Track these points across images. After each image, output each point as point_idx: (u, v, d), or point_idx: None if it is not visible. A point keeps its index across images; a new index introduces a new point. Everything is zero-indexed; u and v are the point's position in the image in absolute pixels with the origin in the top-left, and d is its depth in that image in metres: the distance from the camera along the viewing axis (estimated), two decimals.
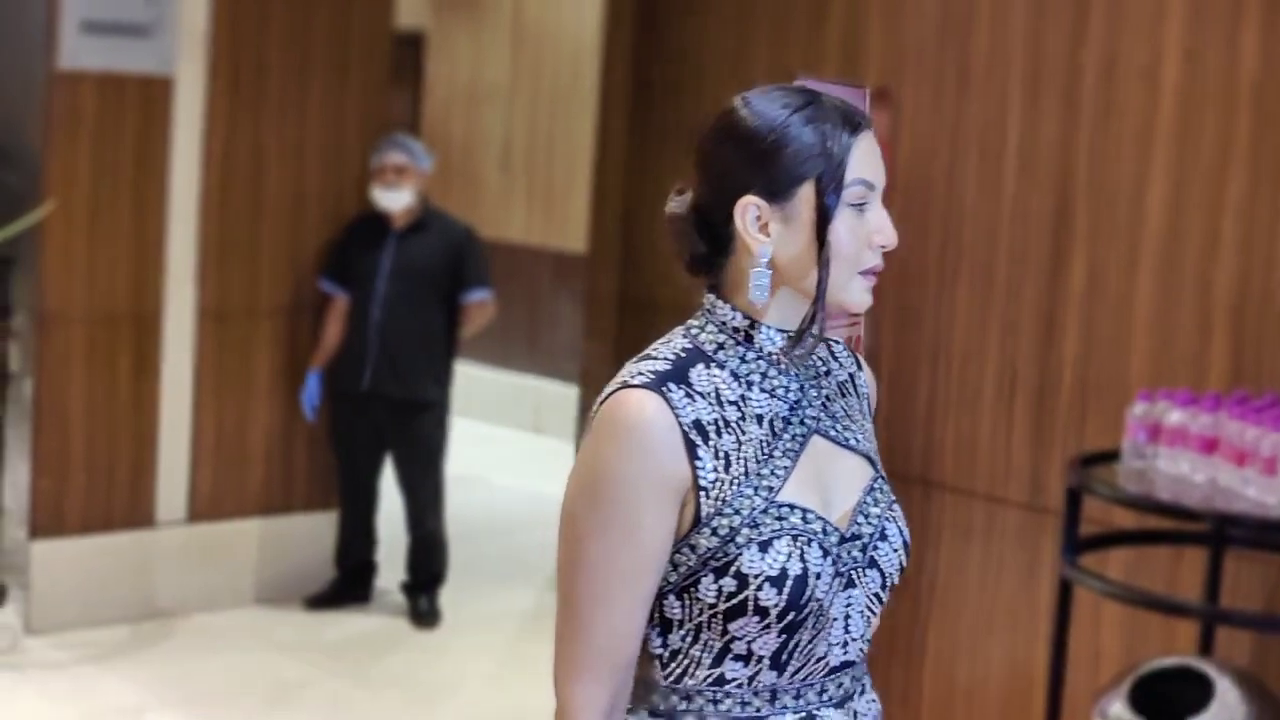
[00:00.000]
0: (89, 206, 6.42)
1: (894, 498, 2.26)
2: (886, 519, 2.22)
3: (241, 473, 6.90)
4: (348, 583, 7.00)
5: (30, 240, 6.43)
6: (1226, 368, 4.90)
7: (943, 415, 5.38)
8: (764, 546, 2.09)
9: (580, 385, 8.26)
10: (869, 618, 2.21)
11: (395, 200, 6.79)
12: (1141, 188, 5.03)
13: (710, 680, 2.15)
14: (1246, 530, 4.57)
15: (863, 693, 2.25)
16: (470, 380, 10.53)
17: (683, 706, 2.16)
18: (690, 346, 2.18)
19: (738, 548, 2.08)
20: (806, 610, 2.10)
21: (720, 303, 2.20)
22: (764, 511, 2.10)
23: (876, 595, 2.21)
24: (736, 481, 2.11)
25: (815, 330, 2.14)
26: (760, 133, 2.14)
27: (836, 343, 2.33)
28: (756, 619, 2.09)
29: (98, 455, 6.54)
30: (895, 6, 5.60)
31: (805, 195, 2.12)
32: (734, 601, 2.09)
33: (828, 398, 2.25)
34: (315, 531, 7.07)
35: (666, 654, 2.16)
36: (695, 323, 2.22)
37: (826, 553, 2.13)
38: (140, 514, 6.66)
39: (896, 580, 2.23)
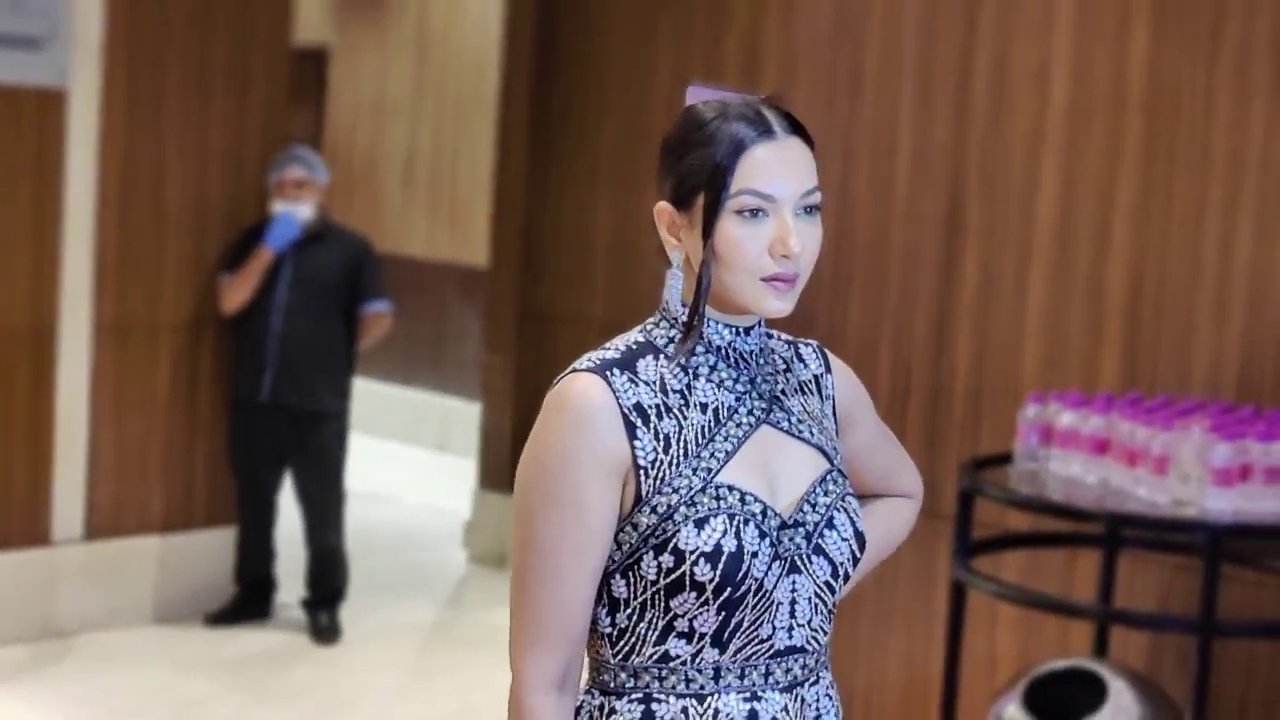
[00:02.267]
0: None
1: (849, 491, 2.32)
2: (836, 509, 2.28)
3: (141, 489, 6.82)
4: (247, 599, 6.94)
5: None
6: (1119, 369, 4.94)
7: None
8: (700, 524, 2.18)
9: (482, 399, 8.24)
10: (819, 605, 2.27)
11: (296, 213, 6.76)
12: (1033, 190, 5.07)
13: (656, 657, 2.23)
14: (1139, 530, 4.60)
15: (815, 683, 2.31)
16: (374, 397, 10.47)
17: (630, 683, 2.25)
18: (642, 340, 2.29)
19: (675, 525, 2.18)
20: (743, 588, 2.19)
21: (673, 300, 2.30)
22: (701, 491, 2.20)
23: (828, 584, 2.27)
24: (675, 462, 2.21)
25: (695, 329, 2.25)
26: (673, 142, 2.26)
27: (807, 345, 2.42)
28: (694, 595, 2.18)
29: None
30: (790, 12, 5.62)
31: (699, 203, 2.22)
32: (672, 578, 2.18)
33: (782, 392, 2.33)
34: (215, 548, 7.00)
35: (614, 632, 2.25)
36: (652, 319, 2.32)
37: (764, 534, 2.21)
38: (37, 532, 6.57)
39: (850, 571, 2.29)
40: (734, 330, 2.28)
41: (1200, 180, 4.82)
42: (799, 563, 2.25)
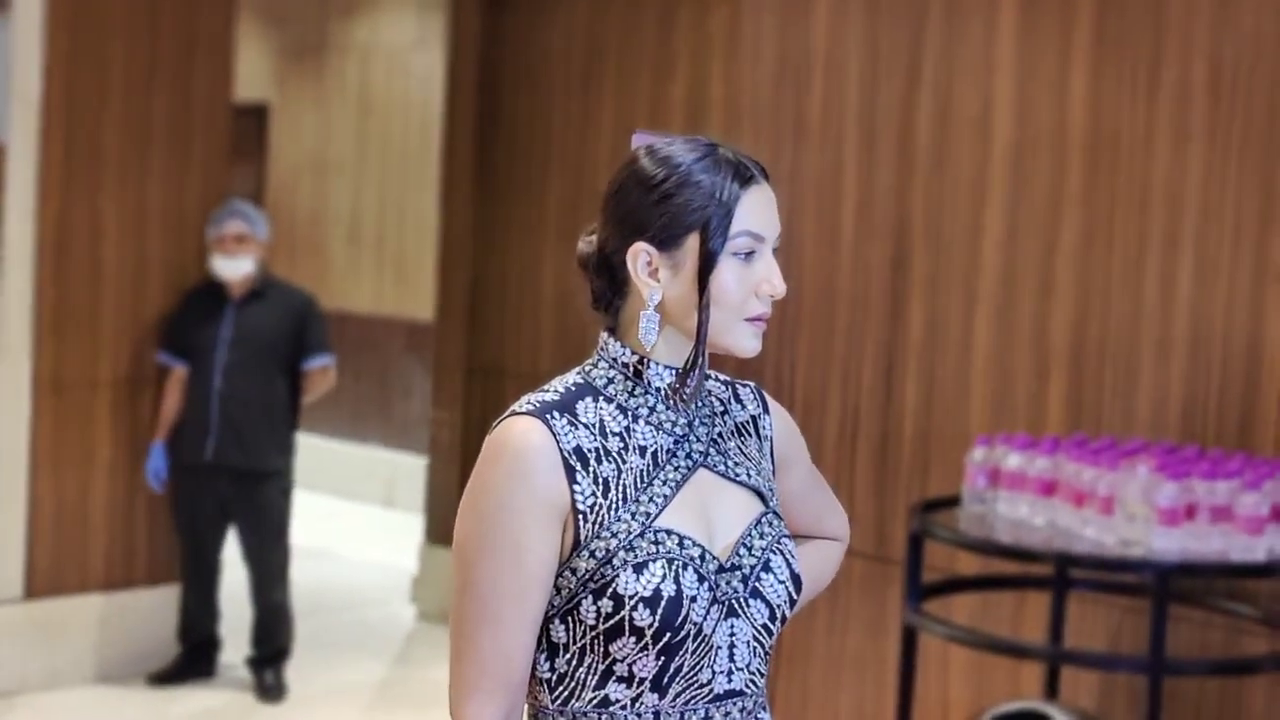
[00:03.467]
0: None
1: (786, 533, 2.32)
2: (772, 552, 2.28)
3: (81, 547, 6.74)
4: (192, 658, 6.85)
5: None
6: (1064, 411, 4.94)
7: None
8: (639, 569, 2.17)
9: (430, 454, 8.19)
10: (757, 649, 2.27)
11: (236, 269, 6.71)
12: (977, 235, 5.08)
13: (595, 702, 2.22)
14: (1087, 571, 4.60)
15: None
16: (321, 453, 10.40)
17: None
18: (581, 381, 2.29)
19: (614, 570, 2.17)
20: (683, 633, 2.18)
21: (613, 341, 2.30)
22: (640, 535, 2.19)
23: (765, 627, 2.27)
24: (614, 506, 2.20)
25: (697, 372, 2.25)
26: (654, 182, 2.24)
27: (745, 386, 2.43)
28: (633, 640, 2.17)
29: None
30: (734, 61, 5.63)
31: (691, 244, 2.22)
32: (611, 622, 2.17)
33: (720, 435, 2.34)
34: (157, 606, 6.92)
35: (554, 678, 2.23)
36: (590, 361, 2.31)
37: (703, 579, 2.20)
38: None
39: (788, 613, 2.29)
40: (674, 372, 2.27)
41: (1140, 221, 4.84)
42: (736, 606, 2.24)
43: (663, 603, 2.16)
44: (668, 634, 2.17)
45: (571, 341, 7.54)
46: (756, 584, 2.25)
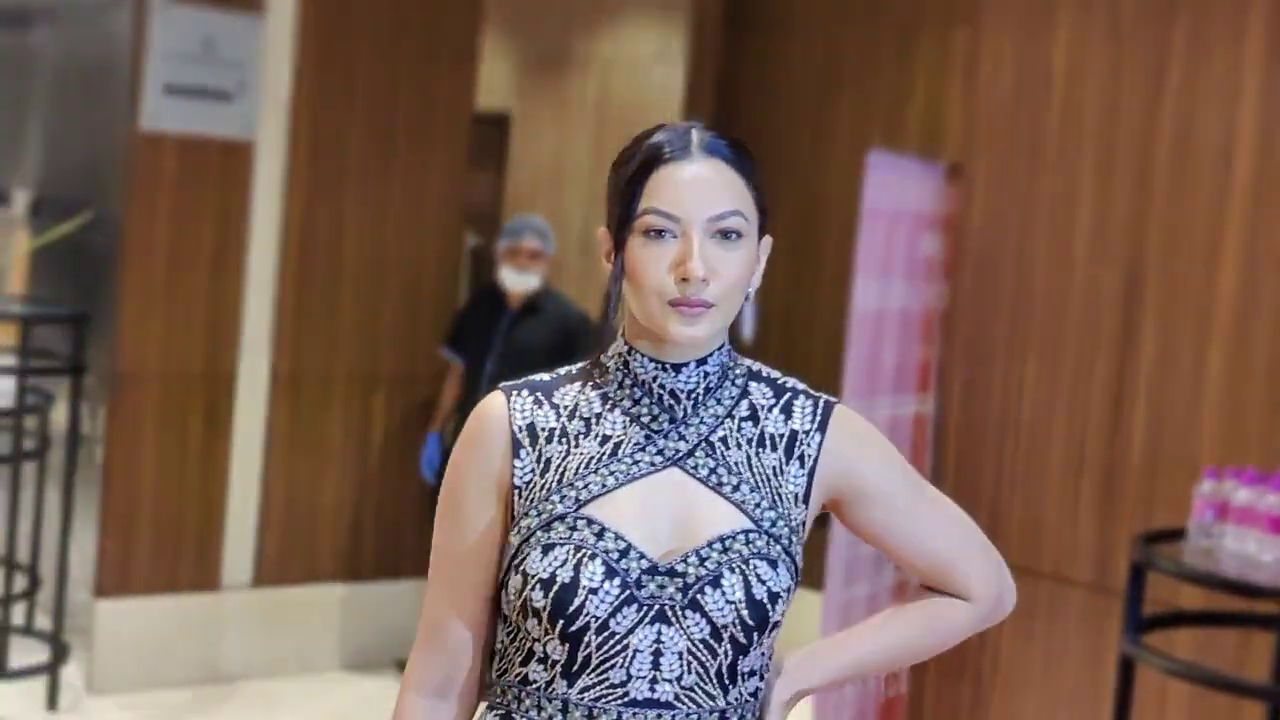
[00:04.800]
0: (167, 267, 6.47)
1: (765, 555, 2.15)
2: (729, 568, 2.13)
3: (310, 538, 6.90)
4: None
5: (107, 300, 6.50)
6: None
7: (1009, 492, 5.32)
8: (546, 549, 2.13)
9: None
10: (692, 664, 2.13)
11: (524, 283, 6.80)
12: (1213, 265, 4.98)
13: (519, 679, 2.19)
14: None
15: None
16: None
17: (499, 701, 2.22)
18: (584, 367, 2.27)
19: (529, 548, 2.15)
20: (578, 623, 2.11)
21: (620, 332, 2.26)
22: (561, 519, 2.15)
23: (705, 644, 2.13)
24: (548, 487, 2.17)
25: (605, 351, 2.22)
26: (613, 165, 2.20)
27: (808, 399, 2.26)
28: (535, 621, 2.13)
29: (166, 517, 6.56)
30: (972, 81, 5.59)
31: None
32: (520, 600, 2.14)
33: (720, 439, 2.20)
34: (384, 601, 7.06)
35: (498, 649, 2.24)
36: (608, 348, 2.26)
37: (614, 574, 2.11)
38: (206, 577, 6.67)
39: (740, 636, 2.13)
40: (659, 366, 2.19)
41: None
42: (669, 614, 2.12)
43: (555, 588, 2.10)
44: (560, 620, 2.10)
45: (797, 361, 7.54)
46: (698, 596, 2.12)
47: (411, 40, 7.01)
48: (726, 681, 2.16)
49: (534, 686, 2.17)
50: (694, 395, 2.20)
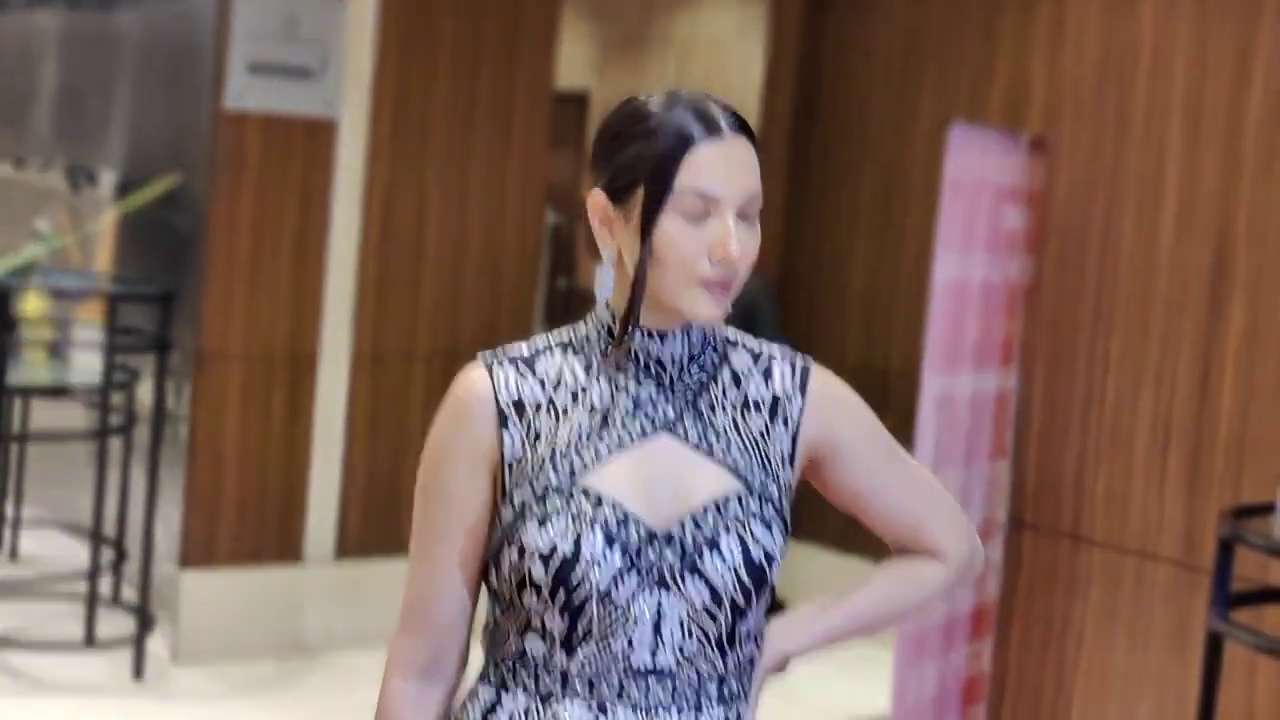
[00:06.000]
0: (250, 246, 6.52)
1: (762, 517, 2.17)
2: (724, 531, 2.14)
3: (391, 513, 6.94)
4: None
5: (191, 278, 6.55)
6: None
7: (1094, 468, 5.29)
8: (543, 522, 2.12)
9: None
10: (693, 630, 2.14)
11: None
12: None
13: (515, 652, 2.17)
14: None
15: (687, 712, 2.16)
16: None
17: (493, 676, 2.20)
18: (565, 339, 2.23)
19: (525, 521, 2.13)
20: (581, 595, 2.10)
21: (601, 300, 2.24)
22: (557, 490, 2.13)
23: (707, 610, 2.13)
24: (541, 460, 2.15)
25: (632, 330, 2.15)
26: (612, 130, 2.16)
27: (786, 364, 2.26)
28: (534, 594, 2.12)
29: (249, 491, 6.61)
30: (1056, 53, 5.55)
31: (638, 197, 2.11)
32: (519, 575, 2.13)
33: (709, 405, 2.20)
34: None
35: (492, 624, 2.22)
36: (587, 316, 2.24)
37: (614, 542, 2.11)
38: (289, 549, 6.73)
39: (741, 601, 2.14)
40: (645, 333, 2.17)
41: None
42: (669, 580, 2.12)
43: (556, 559, 2.09)
44: (562, 592, 2.10)
45: (879, 332, 7.52)
46: (697, 560, 2.12)
47: (492, 19, 7.03)
48: (725, 646, 2.16)
49: (532, 659, 2.16)
50: (679, 361, 2.19)
